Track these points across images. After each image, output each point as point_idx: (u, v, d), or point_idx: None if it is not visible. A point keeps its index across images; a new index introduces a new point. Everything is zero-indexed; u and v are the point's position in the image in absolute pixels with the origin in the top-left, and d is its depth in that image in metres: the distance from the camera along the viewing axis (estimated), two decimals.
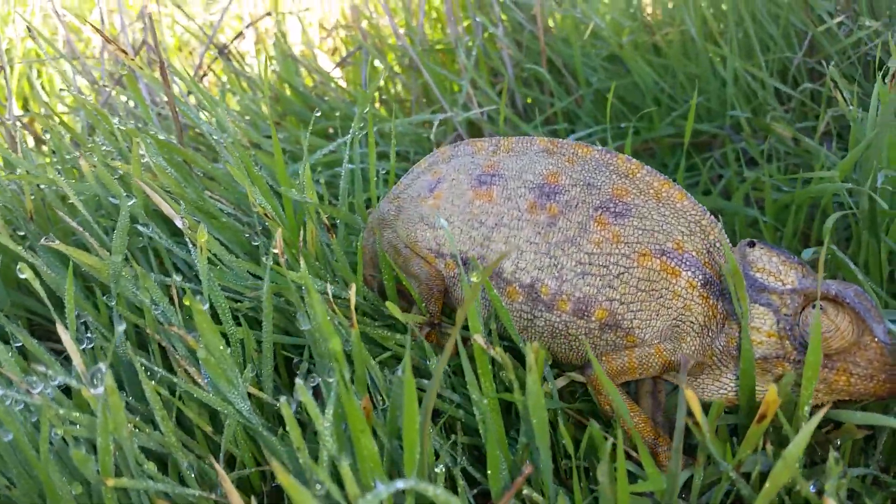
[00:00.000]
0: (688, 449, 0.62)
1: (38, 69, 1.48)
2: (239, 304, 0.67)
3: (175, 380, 0.54)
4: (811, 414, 0.55)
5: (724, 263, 0.62)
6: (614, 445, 0.50)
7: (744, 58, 1.22)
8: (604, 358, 0.64)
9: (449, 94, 1.16)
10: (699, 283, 0.62)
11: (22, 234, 0.82)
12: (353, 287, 0.54)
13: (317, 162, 1.01)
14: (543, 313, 0.64)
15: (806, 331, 0.57)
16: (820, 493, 0.50)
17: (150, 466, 0.49)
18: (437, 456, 0.54)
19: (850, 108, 0.93)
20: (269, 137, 1.11)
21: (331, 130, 1.15)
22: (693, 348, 0.62)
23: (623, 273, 0.63)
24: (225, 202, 0.82)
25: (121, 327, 0.58)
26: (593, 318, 0.63)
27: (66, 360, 0.72)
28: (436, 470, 0.51)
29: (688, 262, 0.62)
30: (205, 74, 1.16)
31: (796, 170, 1.08)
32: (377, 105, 1.20)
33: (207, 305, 0.54)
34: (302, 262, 0.59)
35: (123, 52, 0.79)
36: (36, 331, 0.83)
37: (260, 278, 0.70)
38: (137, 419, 0.52)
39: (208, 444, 0.59)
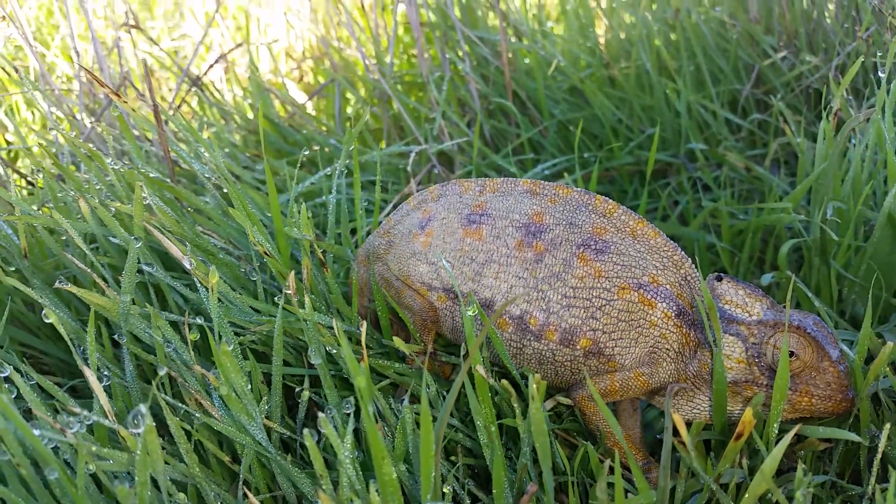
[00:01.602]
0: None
1: (6, 99, 1.48)
2: (243, 338, 0.71)
3: (191, 411, 0.57)
4: (779, 431, 0.61)
5: (697, 296, 0.68)
6: (612, 466, 0.55)
7: (696, 90, 1.30)
8: (588, 382, 0.69)
9: (420, 123, 1.21)
10: (673, 314, 0.68)
11: (13, 268, 0.84)
12: (364, 324, 0.58)
13: (297, 193, 1.04)
14: (532, 342, 0.70)
15: (774, 358, 0.64)
16: (790, 499, 0.56)
17: (182, 497, 0.52)
18: (444, 479, 0.58)
19: (798, 139, 1.01)
20: (247, 168, 1.14)
21: (304, 159, 1.19)
22: (668, 372, 0.68)
23: (605, 305, 0.68)
24: (216, 237, 0.85)
25: (130, 366, 0.61)
26: (578, 347, 0.68)
27: (73, 395, 0.75)
28: (443, 490, 0.56)
29: (663, 295, 0.68)
30: (179, 106, 1.18)
31: (749, 195, 1.15)
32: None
33: (232, 346, 0.57)
34: (307, 299, 0.63)
35: (116, 94, 0.82)
36: (31, 365, 0.85)
37: (259, 312, 0.74)
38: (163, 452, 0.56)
39: (222, 474, 0.63)
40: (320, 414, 0.51)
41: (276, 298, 0.70)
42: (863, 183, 0.87)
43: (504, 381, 0.58)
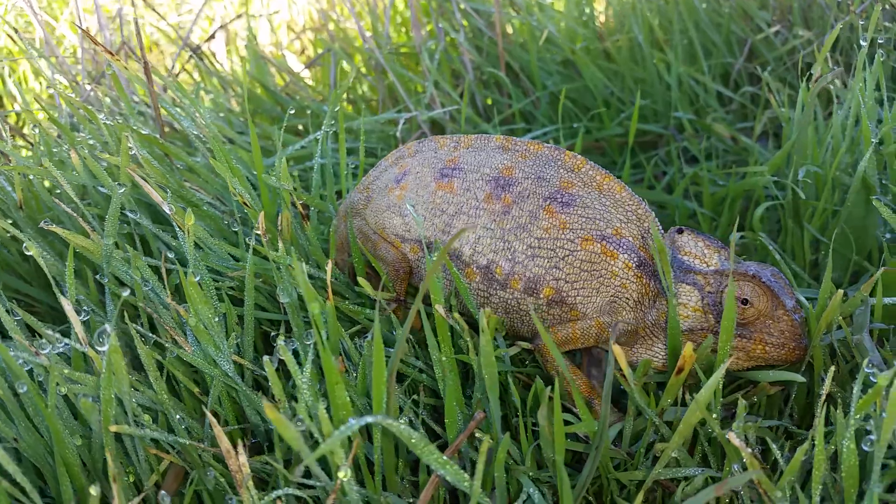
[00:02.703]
0: (623, 408, 0.70)
1: (12, 67, 1.52)
2: (220, 283, 0.73)
3: (166, 345, 0.60)
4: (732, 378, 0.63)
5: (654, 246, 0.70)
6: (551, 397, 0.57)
7: (688, 63, 1.31)
8: (551, 329, 0.71)
9: (413, 94, 1.23)
10: (634, 265, 0.70)
11: (10, 221, 0.87)
12: (330, 264, 0.61)
13: (288, 157, 1.07)
14: (498, 291, 0.72)
15: None
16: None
17: (147, 418, 0.55)
18: (401, 411, 0.61)
19: (783, 109, 1.02)
20: (242, 133, 1.17)
21: (300, 127, 1.21)
22: (628, 321, 0.70)
23: (568, 255, 0.70)
24: (204, 193, 0.88)
25: (111, 305, 0.64)
26: (542, 296, 0.71)
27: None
28: (400, 421, 0.58)
29: (624, 246, 0.70)
30: (178, 73, 1.21)
31: (734, 166, 1.17)
32: (346, 104, 1.26)
33: (199, 278, 0.60)
34: (280, 242, 0.65)
35: (110, 53, 0.85)
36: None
37: (239, 260, 0.77)
38: (133, 379, 0.59)
39: (194, 407, 0.66)
40: (279, 340, 0.53)
41: (246, 239, 0.72)
42: (841, 148, 0.88)
43: (457, 315, 0.61)
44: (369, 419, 0.43)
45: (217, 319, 0.59)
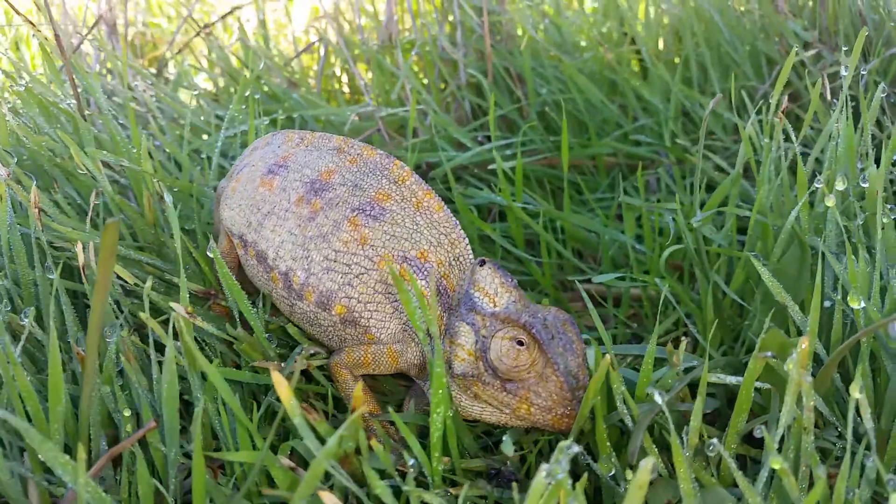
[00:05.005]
0: None
1: None
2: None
3: None
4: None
5: (460, 278, 0.63)
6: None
7: (704, 82, 1.18)
8: (346, 349, 0.66)
9: (384, 92, 1.18)
10: (429, 293, 0.63)
11: None
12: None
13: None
14: (296, 301, 0.67)
15: (497, 355, 0.57)
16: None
17: None
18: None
19: (767, 141, 0.89)
20: (220, 118, 1.17)
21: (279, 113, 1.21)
22: (415, 354, 0.64)
23: (363, 274, 0.64)
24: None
25: None
26: (334, 312, 0.65)
27: None
28: None
29: (425, 272, 0.63)
30: (179, 51, 1.24)
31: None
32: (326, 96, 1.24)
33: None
34: None
35: (31, 23, 0.88)
36: None
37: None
38: None
39: None
40: None
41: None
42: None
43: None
44: None
45: None
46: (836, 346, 0.64)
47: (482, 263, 0.62)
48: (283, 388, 0.48)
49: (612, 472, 0.56)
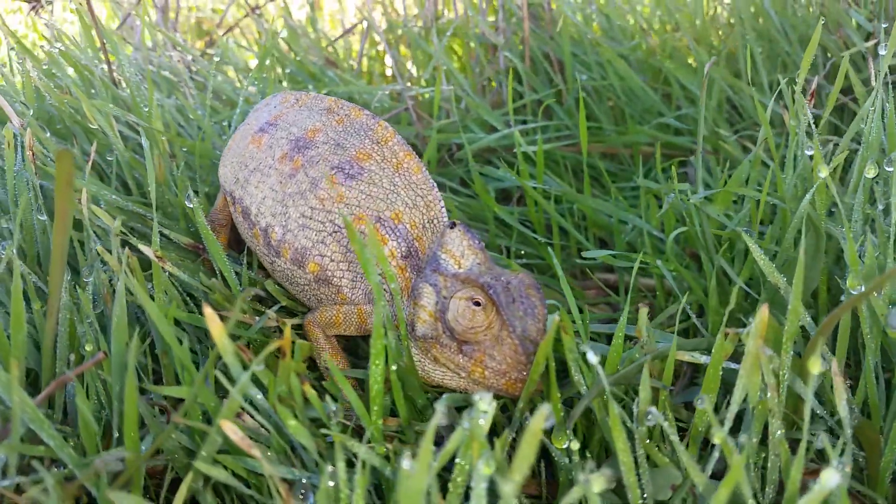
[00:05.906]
0: None
1: None
2: None
3: None
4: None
5: (433, 241, 0.61)
6: None
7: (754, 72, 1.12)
8: (319, 308, 0.66)
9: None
10: (399, 255, 0.62)
11: None
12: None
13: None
14: (275, 259, 0.67)
15: (453, 315, 0.56)
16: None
17: None
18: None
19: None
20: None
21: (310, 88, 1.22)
22: (384, 314, 0.62)
23: (336, 232, 0.64)
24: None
25: None
26: (308, 270, 0.65)
27: None
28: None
29: (398, 233, 0.62)
30: (229, 29, 1.27)
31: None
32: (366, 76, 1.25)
33: None
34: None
35: None
36: None
37: None
38: None
39: None
40: None
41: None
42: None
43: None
44: None
45: None
46: (843, 335, 0.59)
47: (452, 226, 0.60)
48: (216, 325, 0.48)
49: (566, 444, 0.53)
